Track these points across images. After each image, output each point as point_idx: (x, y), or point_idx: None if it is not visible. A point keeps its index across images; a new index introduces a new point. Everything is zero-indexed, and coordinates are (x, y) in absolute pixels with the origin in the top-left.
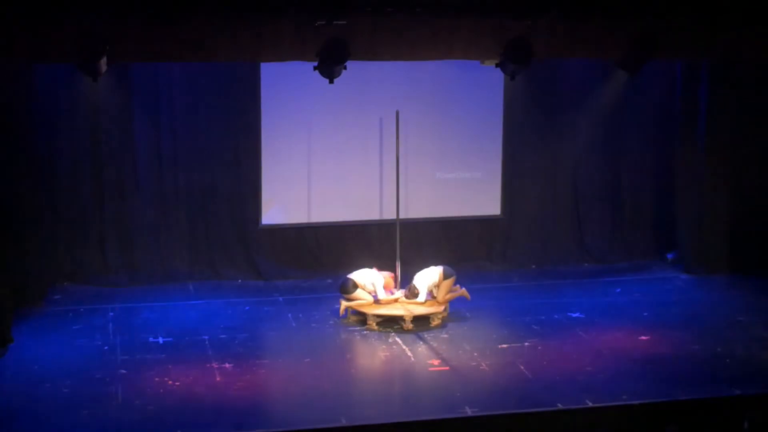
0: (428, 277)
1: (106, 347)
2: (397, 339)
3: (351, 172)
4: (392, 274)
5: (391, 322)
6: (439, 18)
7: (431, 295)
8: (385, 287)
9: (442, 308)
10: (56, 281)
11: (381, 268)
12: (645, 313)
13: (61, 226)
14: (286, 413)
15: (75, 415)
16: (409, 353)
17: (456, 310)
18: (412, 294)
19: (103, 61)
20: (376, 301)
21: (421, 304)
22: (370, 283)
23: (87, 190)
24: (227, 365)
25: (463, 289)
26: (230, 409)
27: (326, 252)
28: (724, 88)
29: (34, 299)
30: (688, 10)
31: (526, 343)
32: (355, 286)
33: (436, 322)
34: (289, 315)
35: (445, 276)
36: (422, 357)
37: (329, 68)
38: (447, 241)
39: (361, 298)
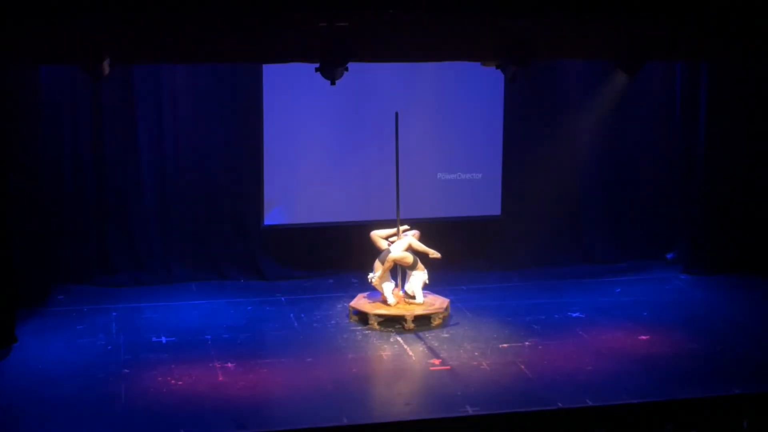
0: (418, 279)
1: (109, 347)
2: (399, 339)
3: (353, 172)
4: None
5: (392, 322)
6: (439, 20)
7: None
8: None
9: (443, 308)
10: (59, 281)
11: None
12: (645, 313)
13: (64, 226)
14: (288, 412)
15: (78, 414)
16: (410, 353)
17: (457, 310)
18: (410, 298)
19: (106, 63)
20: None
21: (421, 304)
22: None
23: (90, 191)
24: (230, 365)
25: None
26: (232, 408)
27: (328, 252)
28: (724, 88)
29: (37, 299)
30: (687, 11)
31: (527, 343)
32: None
33: (437, 321)
34: (291, 315)
35: (413, 266)
36: (423, 356)
37: (331, 70)
38: (447, 242)
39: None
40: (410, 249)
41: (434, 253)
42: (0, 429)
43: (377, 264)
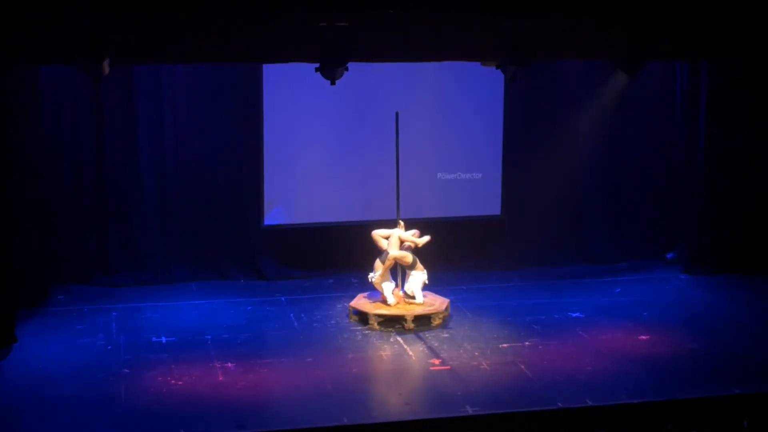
0: (417, 279)
1: (109, 347)
2: (398, 339)
3: (353, 172)
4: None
5: (392, 322)
6: (439, 20)
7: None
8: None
9: (443, 308)
10: (59, 281)
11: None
12: (645, 313)
13: (64, 226)
14: (288, 412)
15: (78, 414)
16: (410, 353)
17: (457, 310)
18: (410, 298)
19: (106, 63)
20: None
21: (421, 304)
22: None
23: (90, 191)
24: (230, 365)
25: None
26: (232, 408)
27: (328, 252)
28: (724, 88)
29: (37, 299)
30: (687, 11)
31: (527, 343)
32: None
33: (437, 321)
34: (291, 315)
35: (413, 266)
36: (423, 356)
37: (331, 70)
38: (447, 241)
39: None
40: (403, 244)
41: (422, 241)
42: (0, 429)
43: (378, 264)
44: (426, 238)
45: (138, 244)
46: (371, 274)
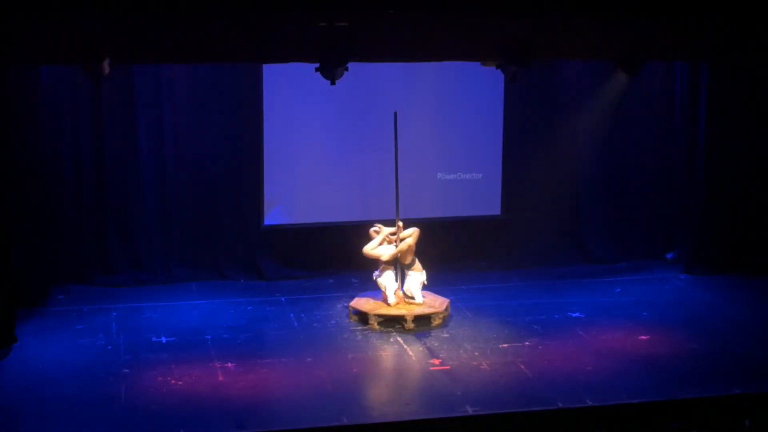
0: (416, 279)
1: (109, 347)
2: (399, 339)
3: (353, 172)
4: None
5: (392, 322)
6: (439, 20)
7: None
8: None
9: (443, 308)
10: (59, 281)
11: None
12: (645, 313)
13: (64, 226)
14: (288, 412)
15: (78, 414)
16: (410, 353)
17: (457, 310)
18: (409, 298)
19: (106, 63)
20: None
21: (421, 304)
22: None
23: (90, 191)
24: (230, 365)
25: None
26: (233, 408)
27: (328, 252)
28: (724, 88)
29: (37, 299)
30: (687, 11)
31: (527, 343)
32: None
33: (437, 321)
34: (291, 315)
35: (411, 266)
36: (423, 356)
37: (331, 70)
38: (447, 241)
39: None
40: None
41: (405, 234)
42: (0, 429)
43: (382, 264)
44: (410, 230)
45: (138, 244)
46: (376, 273)
